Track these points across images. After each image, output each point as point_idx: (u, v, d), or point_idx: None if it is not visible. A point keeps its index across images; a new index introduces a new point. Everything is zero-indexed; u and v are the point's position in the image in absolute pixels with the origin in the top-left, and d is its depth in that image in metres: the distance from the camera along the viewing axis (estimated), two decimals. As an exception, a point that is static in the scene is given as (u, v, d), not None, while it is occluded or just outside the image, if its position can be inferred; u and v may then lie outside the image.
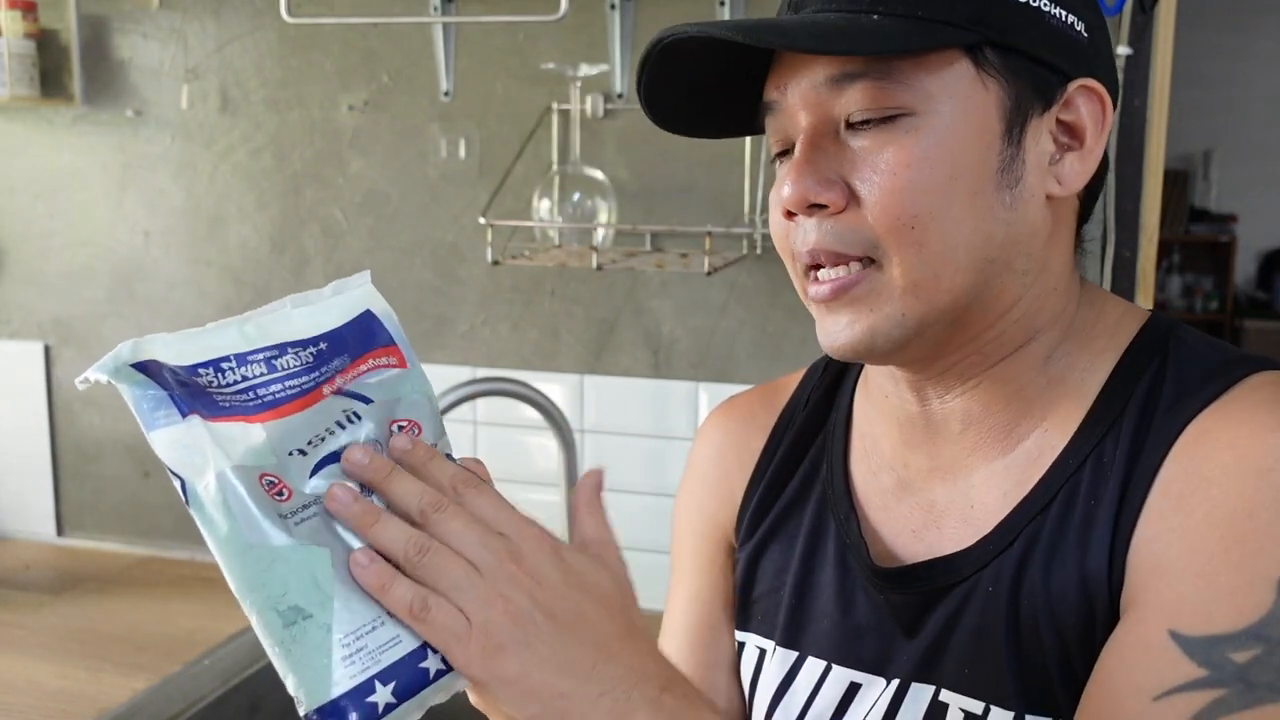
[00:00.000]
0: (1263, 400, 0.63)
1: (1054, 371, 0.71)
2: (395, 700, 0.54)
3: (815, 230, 0.68)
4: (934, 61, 0.65)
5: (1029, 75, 0.67)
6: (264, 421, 0.55)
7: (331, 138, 1.82)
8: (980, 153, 0.66)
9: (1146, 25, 1.48)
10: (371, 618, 0.54)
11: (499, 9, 1.68)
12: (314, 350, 0.58)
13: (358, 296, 0.62)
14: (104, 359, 0.55)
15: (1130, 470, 0.65)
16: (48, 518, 2.06)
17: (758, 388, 0.93)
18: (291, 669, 0.53)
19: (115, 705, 1.43)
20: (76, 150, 1.96)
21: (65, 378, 2.03)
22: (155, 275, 1.94)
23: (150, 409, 0.54)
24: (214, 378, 0.56)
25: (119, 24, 1.90)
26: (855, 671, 0.75)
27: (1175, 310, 5.46)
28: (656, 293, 1.72)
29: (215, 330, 0.57)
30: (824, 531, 0.80)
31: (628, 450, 1.75)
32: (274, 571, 0.53)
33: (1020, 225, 0.68)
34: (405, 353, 0.62)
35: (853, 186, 0.66)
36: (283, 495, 0.54)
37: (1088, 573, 0.65)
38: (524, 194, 1.67)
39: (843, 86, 0.66)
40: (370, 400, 0.59)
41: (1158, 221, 1.53)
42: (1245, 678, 0.57)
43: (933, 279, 0.66)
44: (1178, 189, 5.39)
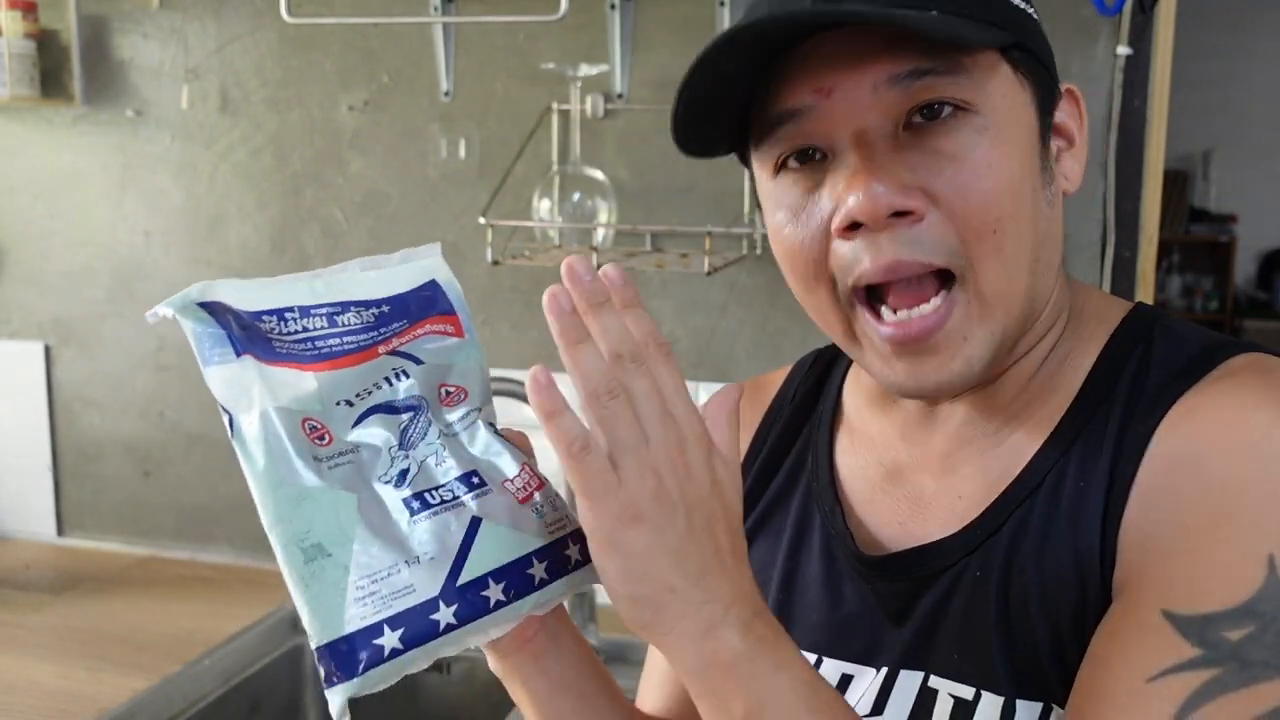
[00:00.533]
0: (1248, 378, 0.63)
1: (1050, 365, 0.72)
2: (402, 646, 0.55)
3: (891, 243, 0.63)
4: (985, 61, 0.64)
5: (1041, 79, 0.68)
6: (317, 371, 0.57)
7: (331, 138, 1.82)
8: (1030, 151, 0.66)
9: (1146, 25, 1.48)
10: (389, 564, 0.56)
11: (499, 9, 1.68)
12: (376, 311, 0.61)
13: (426, 266, 0.64)
14: (174, 296, 0.57)
15: (1119, 450, 0.65)
16: (48, 518, 2.06)
17: (745, 383, 0.91)
18: (308, 604, 0.55)
19: (115, 705, 1.43)
20: (76, 150, 1.96)
21: (65, 378, 2.03)
22: (155, 275, 1.94)
23: (209, 346, 0.56)
24: (276, 325, 0.58)
25: (119, 24, 1.90)
26: (845, 663, 0.75)
27: (1175, 310, 5.46)
28: (656, 293, 1.71)
29: (286, 282, 0.60)
30: (809, 524, 0.79)
31: (628, 450, 1.75)
32: (301, 509, 0.55)
33: (1055, 222, 0.69)
34: (464, 323, 0.64)
35: (930, 190, 0.63)
36: (324, 440, 0.56)
37: (1080, 553, 0.65)
38: (524, 194, 1.67)
39: (908, 85, 0.62)
40: (421, 361, 0.61)
41: (1158, 221, 1.53)
42: (1239, 656, 0.57)
43: (1009, 288, 0.65)
44: (1178, 189, 5.39)
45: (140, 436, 1.99)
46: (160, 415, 1.97)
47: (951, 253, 0.64)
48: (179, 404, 1.96)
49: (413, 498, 0.58)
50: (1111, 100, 1.48)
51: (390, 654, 0.55)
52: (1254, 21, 5.39)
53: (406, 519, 0.57)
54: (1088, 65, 1.49)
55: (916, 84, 0.62)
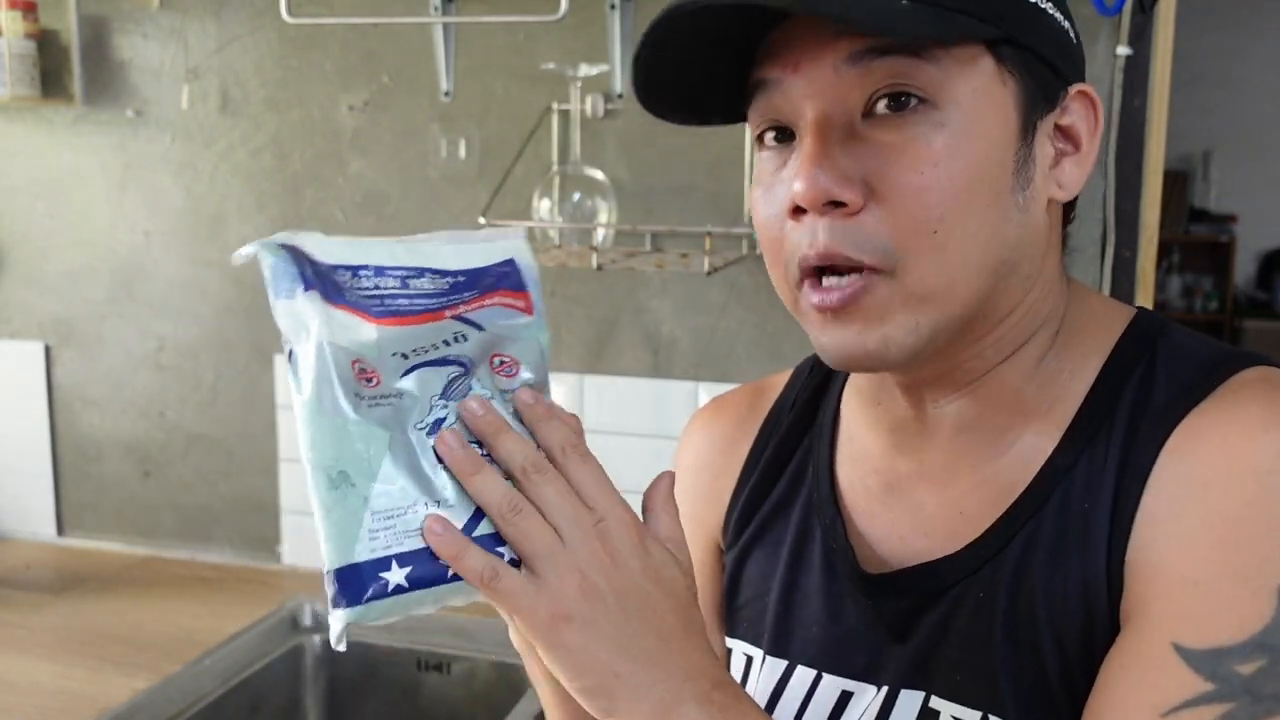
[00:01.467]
0: (1254, 397, 0.62)
1: (1045, 373, 0.70)
2: (407, 585, 0.57)
3: (826, 231, 0.63)
4: (961, 52, 0.62)
5: (1038, 76, 0.65)
6: (380, 325, 0.59)
7: (331, 138, 1.82)
8: (1001, 151, 0.64)
9: (1146, 25, 1.48)
10: (407, 503, 0.58)
11: (499, 9, 1.68)
12: (451, 281, 0.62)
13: (508, 245, 0.65)
14: (261, 240, 0.59)
15: (1123, 471, 0.64)
16: (48, 518, 2.06)
17: (744, 387, 0.91)
18: (326, 529, 0.57)
19: (115, 705, 1.43)
20: (76, 150, 1.96)
21: (65, 378, 2.03)
22: (155, 275, 1.94)
23: (280, 280, 0.58)
24: (349, 278, 0.60)
25: (119, 24, 1.90)
26: (846, 680, 0.74)
27: (1175, 310, 5.46)
28: (656, 293, 1.72)
29: (368, 242, 0.62)
30: (810, 536, 0.78)
31: (628, 450, 1.75)
32: (336, 439, 0.57)
33: (1029, 228, 0.67)
34: (535, 302, 0.65)
35: (872, 185, 0.62)
36: (371, 381, 0.58)
37: (1087, 577, 0.64)
38: (524, 194, 1.67)
39: (868, 63, 0.61)
40: (482, 328, 0.62)
41: (1158, 221, 1.53)
42: (1251, 690, 0.56)
43: (948, 287, 0.63)
44: (1178, 189, 5.39)
45: (140, 436, 1.99)
46: (160, 415, 1.97)
47: (883, 251, 0.63)
48: (179, 404, 1.96)
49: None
50: (1111, 100, 1.48)
51: (394, 590, 0.56)
52: (1254, 21, 5.39)
53: (433, 464, 0.59)
54: (1088, 65, 1.48)
55: (877, 63, 0.61)
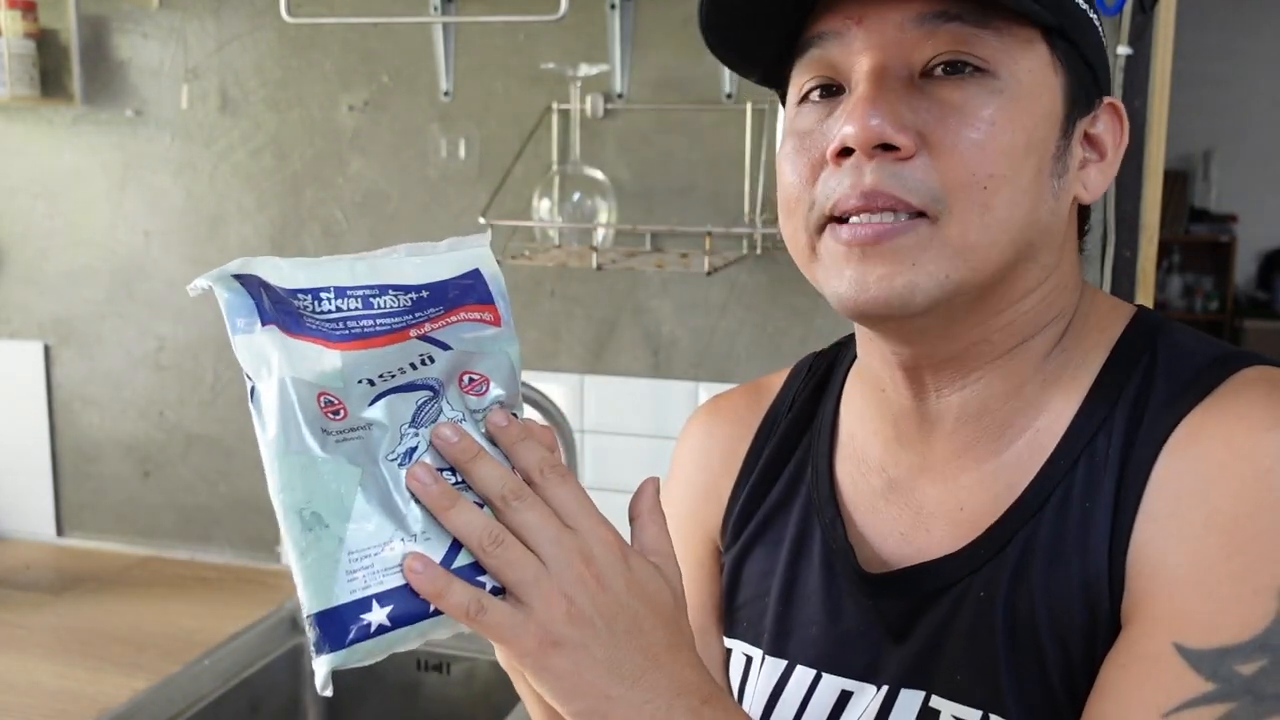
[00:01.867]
0: (1257, 396, 0.62)
1: (1050, 369, 0.70)
2: (389, 624, 0.56)
3: (874, 172, 0.62)
4: (1021, 32, 0.64)
5: (1082, 77, 0.67)
6: (344, 350, 0.58)
7: (331, 138, 1.82)
8: (1047, 132, 0.65)
9: (1146, 25, 1.48)
10: (383, 540, 0.57)
11: (499, 9, 1.68)
12: (414, 296, 0.61)
13: (471, 255, 0.65)
14: (214, 270, 0.59)
15: (1124, 469, 0.64)
16: (48, 518, 2.06)
17: (742, 387, 0.91)
18: (302, 572, 0.56)
19: (115, 705, 1.43)
20: (76, 150, 1.96)
21: (65, 378, 2.03)
22: (155, 275, 1.94)
23: (237, 315, 0.58)
24: (310, 303, 0.59)
25: (119, 24, 1.90)
26: (845, 679, 0.74)
27: (1175, 310, 5.46)
28: (656, 293, 1.72)
29: (327, 263, 0.61)
30: (809, 536, 0.78)
31: (628, 450, 1.75)
32: (305, 479, 0.56)
33: (1057, 217, 0.68)
34: (502, 313, 0.65)
35: (927, 135, 0.63)
36: (338, 415, 0.57)
37: (1088, 576, 0.63)
38: (524, 194, 1.67)
39: (934, 28, 0.62)
40: (449, 348, 0.61)
41: (1158, 221, 1.53)
42: (1253, 690, 0.56)
43: (987, 245, 0.64)
44: (1178, 189, 5.39)
45: (140, 436, 1.99)
46: (160, 415, 1.97)
47: (932, 196, 0.63)
48: (179, 404, 1.96)
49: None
50: (1111, 100, 1.48)
51: (377, 630, 0.56)
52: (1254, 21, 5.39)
53: (406, 497, 0.58)
54: (1088, 65, 1.49)
55: (943, 28, 0.62)
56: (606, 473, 1.77)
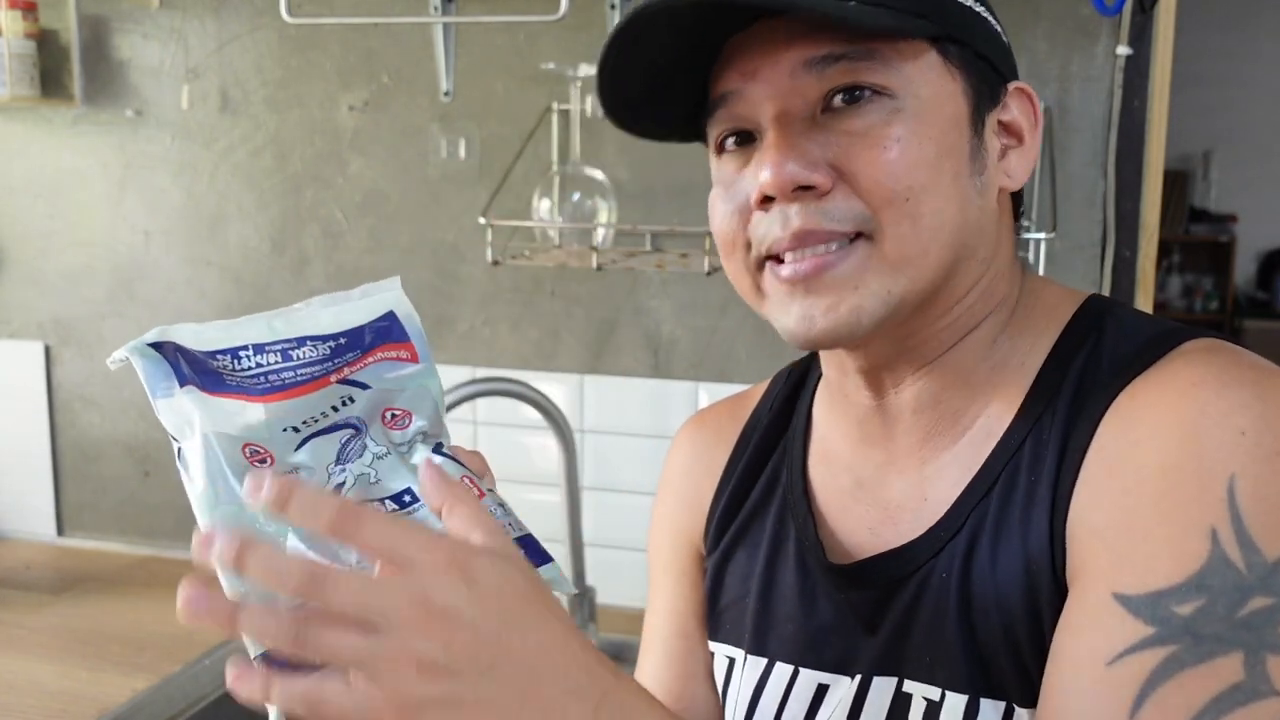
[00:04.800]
0: (1188, 362, 0.64)
1: (998, 356, 0.72)
2: None
3: (799, 214, 0.66)
4: (908, 49, 0.66)
5: (980, 73, 0.69)
6: (266, 402, 0.59)
7: (331, 138, 1.82)
8: (956, 137, 0.68)
9: (1146, 25, 1.48)
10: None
11: (499, 9, 1.68)
12: (332, 344, 0.62)
13: (385, 299, 0.65)
14: (132, 342, 0.60)
15: (1065, 445, 0.65)
16: (48, 518, 2.06)
17: (726, 399, 0.93)
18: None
19: (115, 705, 1.43)
20: (76, 150, 1.96)
21: (65, 378, 2.03)
22: (155, 275, 1.94)
23: (156, 381, 0.59)
24: (229, 362, 0.60)
25: (119, 24, 1.90)
26: (821, 673, 0.75)
27: (1175, 310, 5.46)
28: (656, 293, 1.72)
29: (244, 323, 0.61)
30: (785, 536, 0.80)
31: (628, 450, 1.75)
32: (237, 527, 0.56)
33: (986, 213, 0.70)
34: (419, 350, 0.65)
35: (839, 166, 0.65)
36: (264, 463, 0.58)
37: (1030, 551, 0.65)
38: (524, 194, 1.67)
39: (823, 69, 0.65)
40: (368, 387, 0.62)
41: (1158, 221, 1.53)
42: (1192, 630, 0.57)
43: (921, 254, 0.66)
44: (1178, 189, 5.39)
45: (140, 436, 1.99)
46: (160, 415, 1.97)
47: (860, 219, 0.66)
48: (179, 404, 1.95)
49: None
50: (1111, 100, 1.48)
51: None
52: (1254, 21, 5.39)
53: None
54: (1088, 65, 1.49)
55: (831, 68, 0.65)
56: (606, 473, 1.77)
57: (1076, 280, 1.52)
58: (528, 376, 1.72)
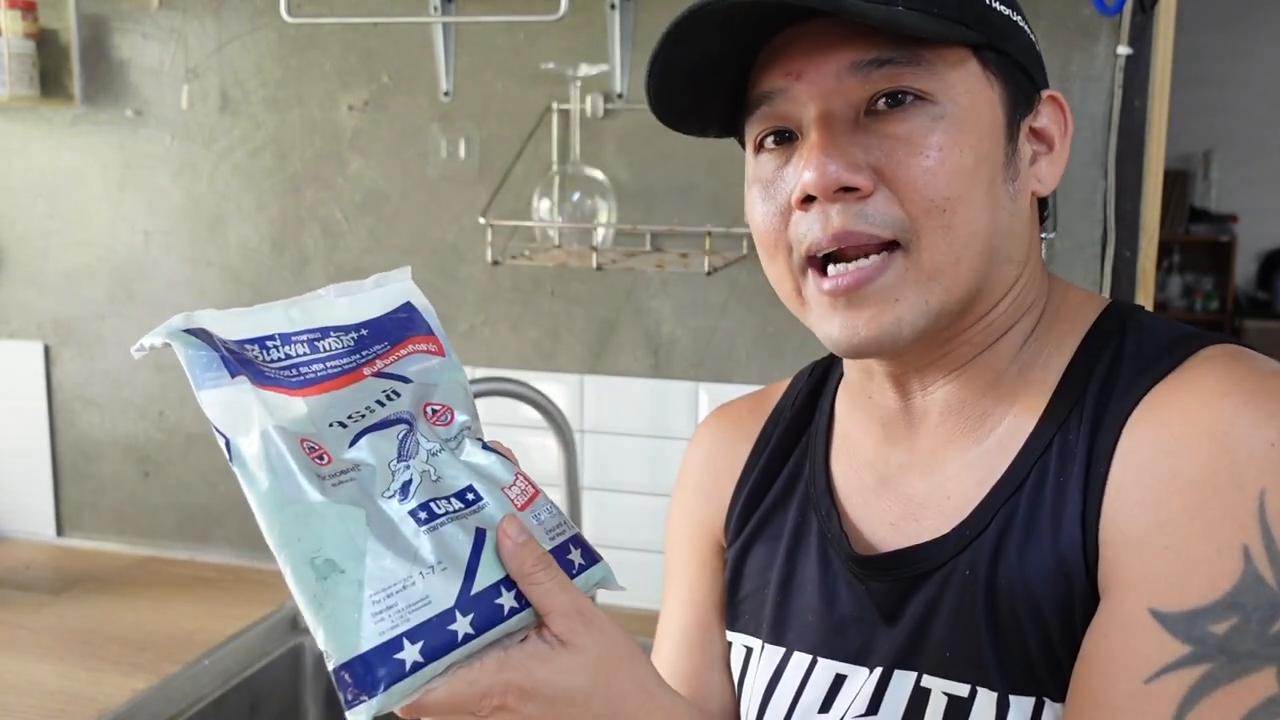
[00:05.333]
0: (1212, 369, 0.65)
1: (1025, 358, 0.73)
2: (423, 659, 0.54)
3: (840, 214, 0.67)
4: (951, 56, 0.67)
5: (1017, 81, 0.71)
6: (305, 396, 0.57)
7: (331, 138, 1.82)
8: (993, 145, 0.69)
9: (1146, 25, 1.48)
10: (403, 576, 0.55)
11: (499, 9, 1.68)
12: (355, 335, 0.61)
13: (399, 290, 0.65)
14: (157, 328, 0.57)
15: (1092, 447, 0.67)
16: (48, 518, 2.06)
17: (749, 395, 0.95)
18: (323, 623, 0.54)
19: (115, 705, 1.43)
20: (76, 150, 1.96)
21: (65, 378, 2.03)
22: (155, 275, 1.94)
23: (202, 369, 0.56)
24: (259, 353, 0.58)
25: (119, 24, 1.90)
26: (840, 663, 0.76)
27: (1175, 310, 5.46)
28: (656, 293, 1.72)
29: (261, 311, 0.60)
30: (807, 529, 0.82)
31: (628, 450, 1.75)
32: (310, 527, 0.54)
33: (1019, 218, 0.71)
34: (443, 343, 0.65)
35: (881, 170, 0.66)
36: (322, 460, 0.56)
37: (1062, 550, 0.66)
38: (524, 194, 1.67)
39: (869, 72, 0.66)
40: (409, 380, 0.61)
41: (1158, 221, 1.53)
42: (1227, 649, 0.58)
43: (955, 263, 0.67)
44: (1178, 189, 5.39)
45: (140, 436, 1.99)
46: (160, 415, 1.97)
47: (899, 226, 0.67)
48: (179, 404, 1.96)
49: (419, 508, 0.58)
50: (1111, 100, 1.48)
51: (412, 668, 0.54)
52: (1254, 21, 5.39)
53: (414, 530, 0.57)
54: (1088, 65, 1.49)
55: (877, 72, 0.66)
56: (606, 473, 1.77)
57: (1077, 280, 1.52)
58: (528, 376, 1.72)
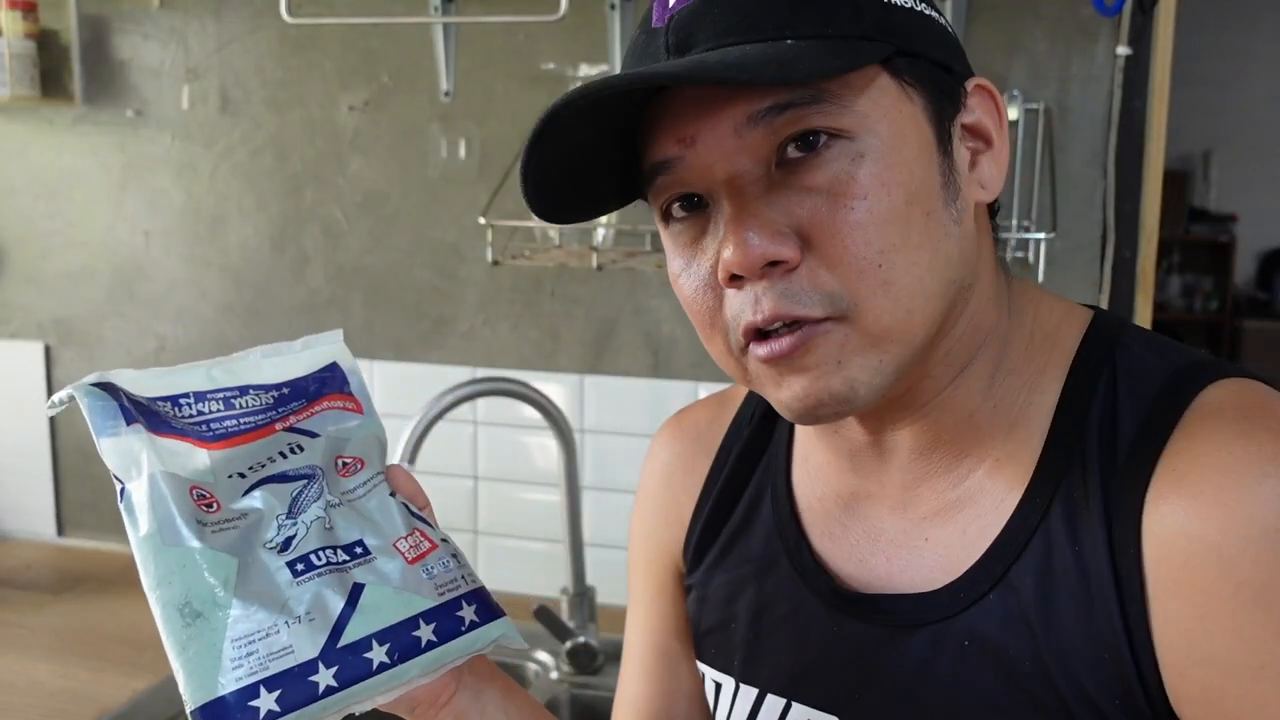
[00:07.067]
0: (1230, 436, 0.59)
1: (999, 394, 0.67)
2: (279, 709, 0.54)
3: (768, 295, 0.59)
4: (858, 80, 0.59)
5: (937, 81, 0.63)
6: (211, 449, 0.58)
7: (331, 138, 1.82)
8: (924, 168, 0.61)
9: (1146, 25, 1.48)
10: (267, 626, 0.55)
11: (499, 9, 1.68)
12: (275, 394, 0.62)
13: (327, 351, 0.66)
14: (73, 383, 0.59)
15: (1109, 518, 0.61)
16: (48, 518, 2.06)
17: (707, 399, 0.88)
18: (183, 667, 0.55)
19: (115, 705, 1.43)
20: (76, 150, 1.96)
21: (65, 378, 2.02)
22: (155, 275, 1.94)
23: (101, 418, 0.58)
24: (171, 410, 0.59)
25: (119, 24, 1.90)
26: (816, 711, 0.72)
27: (1175, 310, 5.46)
28: (656, 293, 1.71)
29: (183, 371, 0.61)
30: (774, 558, 0.76)
31: (628, 450, 1.75)
32: (182, 571, 0.55)
33: (965, 239, 0.64)
34: (363, 402, 0.65)
35: (805, 232, 0.59)
36: (211, 507, 0.57)
37: (1098, 636, 0.61)
38: (524, 194, 1.67)
39: (771, 120, 0.59)
40: (317, 435, 0.62)
41: (1158, 221, 1.53)
42: None
43: (905, 319, 0.60)
44: (1178, 189, 5.39)
45: (140, 436, 1.99)
46: (160, 415, 1.97)
47: (832, 300, 0.59)
48: (179, 404, 1.95)
49: (297, 561, 0.58)
50: (1111, 100, 1.48)
51: (266, 715, 0.54)
52: (1254, 22, 5.40)
53: (288, 581, 0.57)
54: (1088, 65, 1.49)
55: (779, 119, 0.59)
56: (606, 473, 1.77)
57: (1076, 280, 1.52)
58: (528, 376, 1.72)
